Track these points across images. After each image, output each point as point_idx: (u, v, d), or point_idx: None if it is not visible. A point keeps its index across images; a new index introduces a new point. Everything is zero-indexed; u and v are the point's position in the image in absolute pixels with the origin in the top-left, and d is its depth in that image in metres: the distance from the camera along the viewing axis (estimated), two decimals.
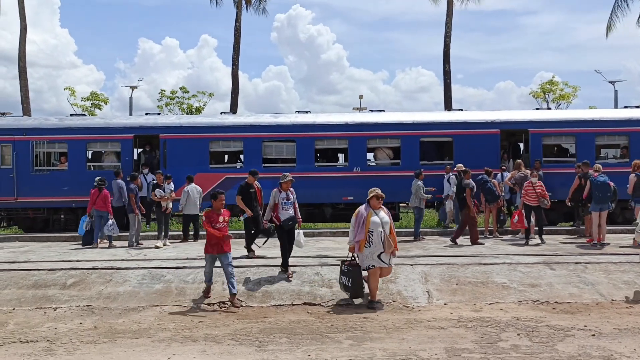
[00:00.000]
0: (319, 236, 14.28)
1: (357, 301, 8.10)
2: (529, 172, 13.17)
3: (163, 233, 12.98)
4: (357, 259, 8.11)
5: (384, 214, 8.00)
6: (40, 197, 15.61)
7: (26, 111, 25.25)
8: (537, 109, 18.45)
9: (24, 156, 15.77)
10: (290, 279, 8.88)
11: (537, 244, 11.72)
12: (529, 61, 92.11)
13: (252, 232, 10.86)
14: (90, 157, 16.58)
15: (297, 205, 9.43)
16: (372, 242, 7.82)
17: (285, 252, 9.17)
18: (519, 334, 6.42)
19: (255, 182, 11.18)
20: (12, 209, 15.94)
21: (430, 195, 13.50)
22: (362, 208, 8.01)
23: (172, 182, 13.44)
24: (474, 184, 12.42)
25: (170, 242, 13.01)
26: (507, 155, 16.13)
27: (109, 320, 7.40)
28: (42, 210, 15.95)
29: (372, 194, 8.02)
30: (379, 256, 7.85)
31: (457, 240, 12.15)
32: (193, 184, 13.49)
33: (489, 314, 7.37)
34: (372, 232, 7.81)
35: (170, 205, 13.21)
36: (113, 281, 9.03)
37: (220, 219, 8.12)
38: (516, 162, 13.88)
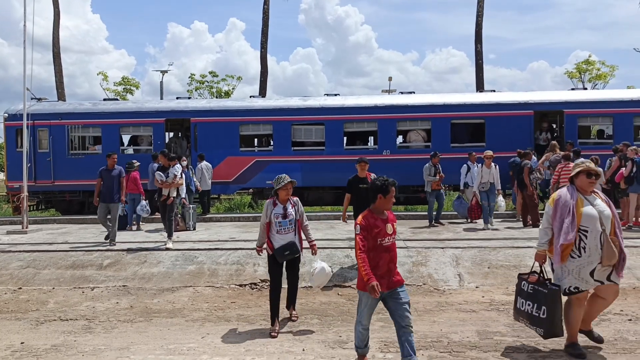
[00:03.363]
0: (348, 219, 14.26)
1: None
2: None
3: (168, 230, 10.38)
4: (545, 273, 5.23)
5: (602, 204, 5.04)
6: (75, 180, 16.04)
7: (61, 96, 25.79)
8: (572, 89, 17.96)
9: (59, 140, 16.20)
10: (273, 334, 5.90)
11: None
12: (563, 40, 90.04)
13: None
14: (123, 140, 16.94)
15: (305, 223, 6.37)
16: (584, 248, 4.89)
17: (275, 299, 6.09)
18: None
19: (368, 172, 8.63)
20: (49, 191, 16.41)
21: (437, 178, 12.47)
22: (563, 191, 5.08)
23: (178, 165, 10.74)
24: (531, 164, 12.22)
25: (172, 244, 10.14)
26: (551, 137, 15.72)
27: (144, 300, 7.59)
28: (78, 193, 16.38)
29: (579, 169, 5.09)
30: (591, 272, 4.93)
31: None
32: (205, 162, 13.93)
33: None
34: (587, 231, 4.89)
35: (174, 193, 10.44)
36: (147, 262, 9.23)
37: (389, 228, 4.68)
38: (551, 143, 13.59)
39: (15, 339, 6.00)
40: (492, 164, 11.87)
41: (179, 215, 12.30)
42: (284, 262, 6.21)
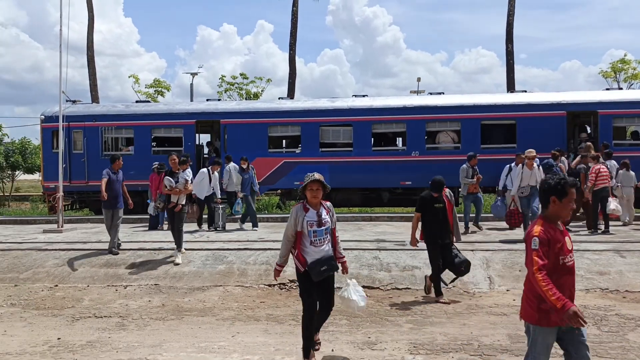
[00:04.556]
0: (376, 220, 14.26)
1: None
2: (599, 155, 12.54)
3: (178, 242, 9.54)
4: None
5: None
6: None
7: (94, 99, 26.37)
8: (607, 89, 17.54)
9: (93, 141, 16.58)
10: None
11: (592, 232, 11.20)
12: (597, 39, 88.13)
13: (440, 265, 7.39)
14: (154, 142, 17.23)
15: (337, 234, 5.25)
16: None
17: (309, 326, 5.10)
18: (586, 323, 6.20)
19: (445, 189, 7.46)
20: (83, 192, 16.81)
21: (474, 180, 11.82)
22: None
23: (189, 169, 9.93)
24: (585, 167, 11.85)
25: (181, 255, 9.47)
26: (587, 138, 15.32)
27: (176, 299, 7.71)
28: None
29: None
30: None
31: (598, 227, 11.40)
32: (232, 163, 14.08)
33: None
34: None
35: (184, 201, 9.60)
36: None
37: (569, 243, 3.62)
38: (586, 144, 13.26)
39: (52, 334, 6.18)
40: (535, 164, 10.56)
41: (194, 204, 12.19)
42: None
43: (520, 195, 10.55)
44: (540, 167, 10.59)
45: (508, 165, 12.55)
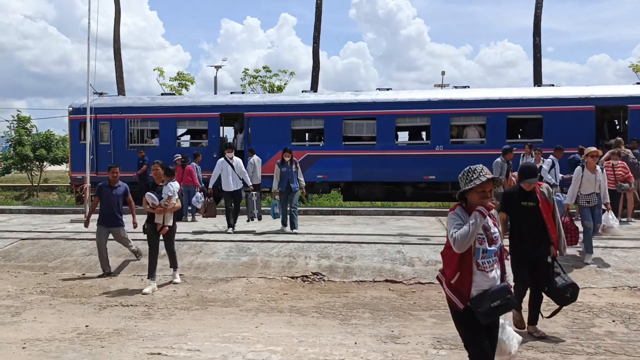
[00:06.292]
0: (400, 215, 14.18)
1: None
2: (629, 151, 12.26)
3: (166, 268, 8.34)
4: None
5: None
6: (134, 172, 16.61)
7: (121, 91, 26.69)
8: (637, 83, 17.12)
9: (120, 133, 16.83)
10: None
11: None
12: (627, 32, 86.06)
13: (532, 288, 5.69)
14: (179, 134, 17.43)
15: (505, 253, 3.80)
16: None
17: None
18: (614, 321, 6.10)
19: (541, 184, 5.75)
20: None
21: (506, 179, 10.78)
22: None
23: (174, 182, 8.11)
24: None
25: (159, 287, 7.82)
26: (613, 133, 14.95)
27: (200, 289, 7.80)
28: (136, 185, 16.94)
29: None
30: None
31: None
32: (255, 156, 14.44)
33: (580, 299, 6.99)
34: None
35: (170, 222, 7.98)
36: (202, 253, 9.48)
37: None
38: (616, 139, 12.94)
39: (81, 322, 6.31)
40: (598, 167, 8.35)
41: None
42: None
43: (586, 206, 8.44)
44: (604, 170, 8.85)
45: (550, 160, 11.73)
